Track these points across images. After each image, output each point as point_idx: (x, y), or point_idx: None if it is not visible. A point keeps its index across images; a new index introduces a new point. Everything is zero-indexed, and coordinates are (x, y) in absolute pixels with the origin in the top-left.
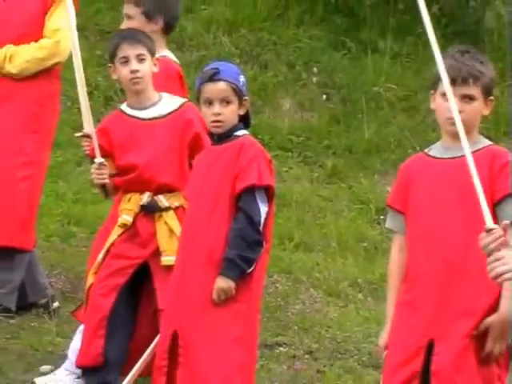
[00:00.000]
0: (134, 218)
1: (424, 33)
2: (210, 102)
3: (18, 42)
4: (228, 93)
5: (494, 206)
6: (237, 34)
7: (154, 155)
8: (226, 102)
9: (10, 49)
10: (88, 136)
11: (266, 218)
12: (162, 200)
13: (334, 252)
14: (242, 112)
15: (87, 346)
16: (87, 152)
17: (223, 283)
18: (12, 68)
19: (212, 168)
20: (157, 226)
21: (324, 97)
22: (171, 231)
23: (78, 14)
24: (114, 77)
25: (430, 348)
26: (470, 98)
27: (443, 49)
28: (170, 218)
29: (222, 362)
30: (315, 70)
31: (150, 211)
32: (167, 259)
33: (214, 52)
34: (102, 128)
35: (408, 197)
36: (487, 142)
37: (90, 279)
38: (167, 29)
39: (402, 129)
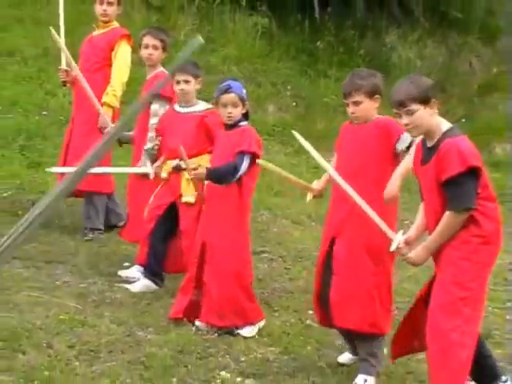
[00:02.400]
0: (168, 175)
1: (352, 68)
2: (225, 106)
3: (93, 72)
4: (236, 100)
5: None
6: (241, 65)
7: (182, 138)
8: (234, 105)
9: (112, 87)
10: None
11: (246, 171)
12: (183, 164)
13: (298, 196)
14: (244, 111)
15: (141, 252)
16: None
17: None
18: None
19: (227, 143)
20: (181, 179)
21: (294, 103)
22: (188, 181)
23: None
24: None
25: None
26: (357, 103)
27: None
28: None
29: (236, 259)
30: (289, 87)
31: (177, 170)
32: (186, 198)
33: (228, 75)
34: (160, 119)
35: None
36: (379, 117)
37: (145, 212)
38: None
39: (340, 123)
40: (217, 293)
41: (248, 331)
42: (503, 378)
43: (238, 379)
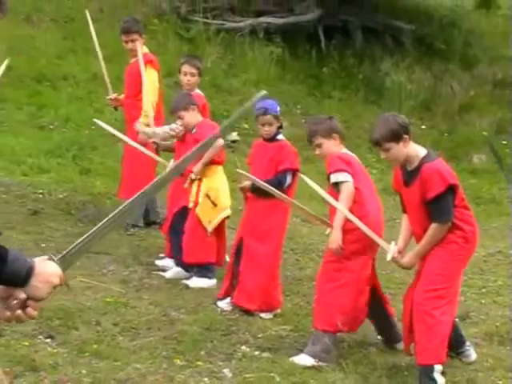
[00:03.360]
0: (189, 185)
1: (353, 91)
2: (262, 125)
3: (133, 97)
4: (272, 120)
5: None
6: (258, 87)
7: None
8: (270, 124)
9: (144, 111)
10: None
11: (289, 184)
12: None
13: (307, 198)
14: (278, 125)
15: (166, 245)
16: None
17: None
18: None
19: (265, 155)
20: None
21: (303, 120)
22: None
23: None
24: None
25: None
26: (318, 146)
27: (364, 103)
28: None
29: (271, 256)
30: (299, 106)
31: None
32: (191, 204)
33: (247, 96)
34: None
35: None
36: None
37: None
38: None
39: None
40: (251, 282)
41: (266, 314)
42: (467, 343)
43: (256, 353)
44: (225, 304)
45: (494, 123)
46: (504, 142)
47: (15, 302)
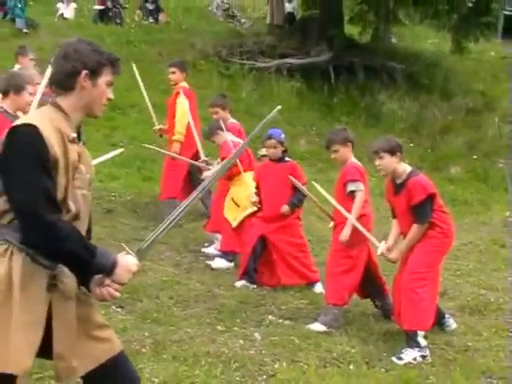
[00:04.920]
0: None
1: (356, 116)
2: (268, 148)
3: (171, 119)
4: (276, 144)
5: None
6: (283, 114)
7: None
8: (275, 147)
9: (176, 132)
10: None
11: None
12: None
13: (320, 201)
14: (283, 149)
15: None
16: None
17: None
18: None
19: (278, 173)
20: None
21: (317, 139)
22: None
23: None
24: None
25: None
26: (335, 151)
27: (365, 126)
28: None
29: (291, 240)
30: (314, 128)
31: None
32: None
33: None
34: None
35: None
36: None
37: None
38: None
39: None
40: (285, 265)
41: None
42: (446, 315)
43: (280, 321)
44: (240, 284)
45: (466, 142)
46: (475, 157)
47: (104, 286)
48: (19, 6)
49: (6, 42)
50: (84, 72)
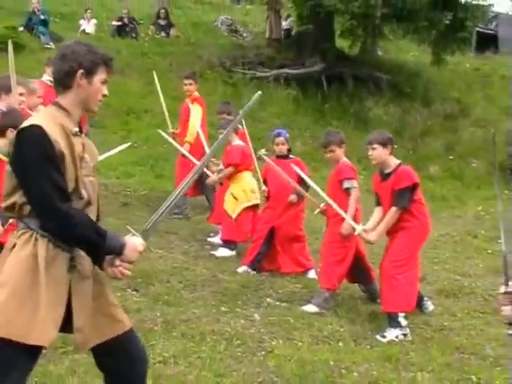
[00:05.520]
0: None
1: (346, 121)
2: (277, 144)
3: (184, 124)
4: (284, 141)
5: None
6: (280, 118)
7: None
8: (283, 144)
9: (188, 134)
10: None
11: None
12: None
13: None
14: (288, 147)
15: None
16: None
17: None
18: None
19: (286, 169)
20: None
21: (311, 141)
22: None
23: None
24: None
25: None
26: (331, 151)
27: (354, 130)
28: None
29: (296, 235)
30: (308, 131)
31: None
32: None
33: (272, 124)
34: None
35: None
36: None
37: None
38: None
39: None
40: (286, 256)
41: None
42: (425, 298)
43: (277, 303)
44: (242, 270)
45: (444, 144)
46: (451, 158)
47: (116, 266)
48: (41, 24)
49: (34, 54)
50: (80, 71)
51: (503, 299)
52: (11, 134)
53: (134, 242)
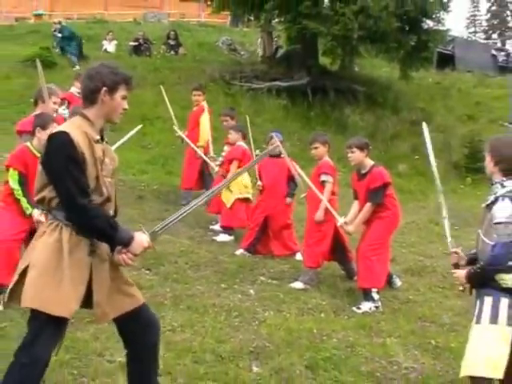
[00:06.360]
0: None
1: (328, 126)
2: (272, 144)
3: (192, 130)
4: (278, 143)
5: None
6: (272, 124)
7: None
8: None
9: (201, 139)
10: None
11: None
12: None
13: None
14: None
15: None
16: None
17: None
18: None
19: (278, 167)
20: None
21: (298, 143)
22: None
23: None
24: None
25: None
26: (316, 148)
27: (335, 134)
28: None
29: (287, 223)
30: (296, 135)
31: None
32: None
33: (265, 128)
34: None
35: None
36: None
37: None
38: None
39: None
40: (277, 241)
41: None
42: (394, 276)
43: (269, 280)
44: (239, 252)
45: (410, 146)
46: (417, 157)
47: (121, 253)
48: (71, 48)
49: (66, 70)
50: (104, 89)
51: (452, 258)
52: (39, 133)
53: (141, 238)
